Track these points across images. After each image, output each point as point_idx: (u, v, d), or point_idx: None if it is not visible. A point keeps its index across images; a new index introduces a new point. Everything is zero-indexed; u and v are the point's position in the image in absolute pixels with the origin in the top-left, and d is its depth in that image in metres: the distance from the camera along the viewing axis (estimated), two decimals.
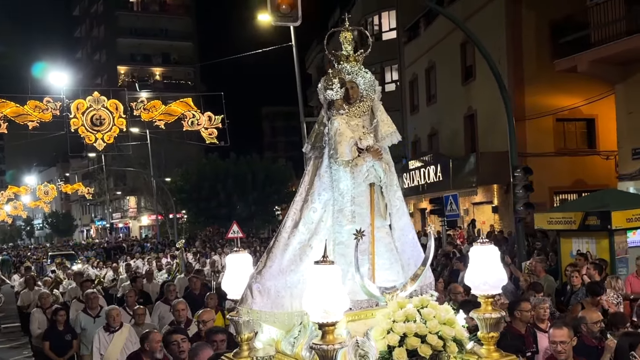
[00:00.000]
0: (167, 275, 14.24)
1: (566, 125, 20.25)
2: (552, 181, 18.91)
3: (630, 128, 15.86)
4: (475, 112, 22.90)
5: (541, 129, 19.51)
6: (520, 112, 19.67)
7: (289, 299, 3.63)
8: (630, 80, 15.68)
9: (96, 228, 68.37)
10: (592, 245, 11.00)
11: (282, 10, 10.45)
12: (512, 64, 19.81)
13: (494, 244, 3.47)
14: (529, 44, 19.44)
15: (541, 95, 19.17)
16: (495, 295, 3.42)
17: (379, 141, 3.88)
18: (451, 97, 24.78)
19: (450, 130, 25.14)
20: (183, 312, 7.63)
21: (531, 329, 6.28)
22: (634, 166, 15.40)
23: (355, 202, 3.74)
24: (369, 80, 3.95)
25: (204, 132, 18.51)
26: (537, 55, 18.70)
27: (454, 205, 17.17)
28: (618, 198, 11.88)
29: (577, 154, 19.76)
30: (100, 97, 18.05)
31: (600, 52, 15.38)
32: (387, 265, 3.78)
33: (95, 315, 8.83)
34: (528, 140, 19.55)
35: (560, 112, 19.19)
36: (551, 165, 19.23)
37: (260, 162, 39.27)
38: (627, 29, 14.62)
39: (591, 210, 11.05)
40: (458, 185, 21.64)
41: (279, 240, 3.79)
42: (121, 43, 65.20)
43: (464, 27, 13.63)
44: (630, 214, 10.74)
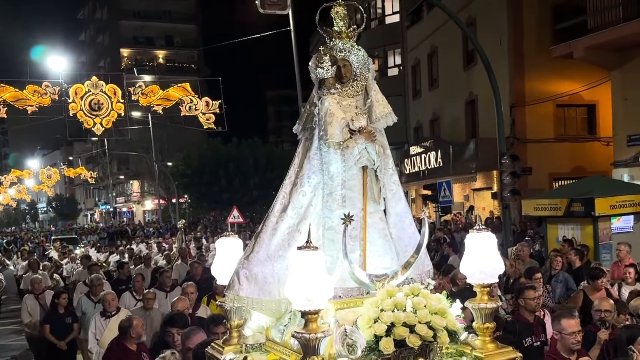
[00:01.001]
0: (167, 262, 14.13)
1: (566, 111, 20.16)
2: (552, 167, 18.88)
3: (625, 114, 15.84)
4: (476, 98, 22.79)
5: (541, 114, 19.44)
6: (520, 97, 19.60)
7: (276, 286, 3.50)
8: (626, 67, 15.63)
9: (100, 212, 68.69)
10: (577, 232, 11.18)
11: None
12: (512, 48, 19.70)
13: (490, 230, 3.36)
14: (530, 28, 19.31)
15: (542, 80, 19.07)
16: (492, 284, 3.31)
17: (373, 122, 3.71)
18: (453, 83, 24.65)
19: (452, 116, 25.04)
20: (192, 295, 7.55)
21: (539, 318, 6.08)
22: (628, 153, 15.40)
23: (346, 186, 3.60)
24: (363, 58, 3.78)
25: (201, 117, 18.51)
26: (538, 40, 18.57)
27: (448, 191, 17.18)
28: (603, 185, 12.02)
29: (577, 140, 19.71)
30: (98, 82, 18.05)
31: (596, 39, 15.34)
32: (381, 252, 3.65)
33: (97, 301, 8.74)
34: (528, 126, 19.51)
35: (561, 97, 19.07)
36: (551, 151, 19.19)
37: (262, 147, 39.23)
38: (624, 15, 14.56)
39: (576, 197, 11.25)
40: (458, 171, 21.61)
41: (267, 225, 3.68)
42: (124, 25, 64.85)
43: (458, 20, 13.71)
44: (614, 201, 10.94)
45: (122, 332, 5.91)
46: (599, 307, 5.65)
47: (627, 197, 11.18)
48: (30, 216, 74.65)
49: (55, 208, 65.71)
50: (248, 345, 3.55)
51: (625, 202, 11.07)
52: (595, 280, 7.26)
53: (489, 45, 21.20)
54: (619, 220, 11.15)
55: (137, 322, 5.89)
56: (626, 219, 11.22)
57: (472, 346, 3.23)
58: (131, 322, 5.89)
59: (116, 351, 5.84)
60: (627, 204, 11.09)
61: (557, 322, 4.95)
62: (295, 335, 2.77)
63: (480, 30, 22.08)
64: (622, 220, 11.19)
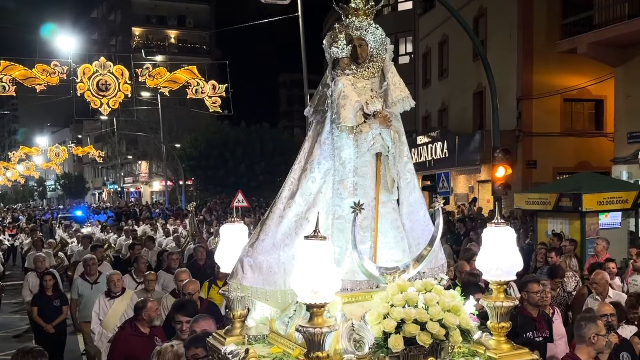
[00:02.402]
0: (176, 245, 13.92)
1: (574, 105, 20.09)
2: (557, 161, 18.86)
3: (627, 111, 15.85)
4: (484, 89, 22.67)
5: (548, 108, 19.38)
6: (528, 90, 19.52)
7: (282, 276, 3.33)
8: (630, 64, 15.59)
9: (108, 191, 69.10)
10: (565, 226, 11.45)
11: None
12: (521, 40, 19.61)
13: (484, 223, 3.30)
14: (540, 22, 19.19)
15: (550, 74, 18.98)
16: (509, 281, 3.12)
17: (388, 107, 3.51)
18: (462, 73, 24.53)
19: (460, 106, 24.96)
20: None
21: (544, 313, 5.89)
22: (628, 150, 15.43)
23: (358, 173, 3.41)
24: (380, 38, 3.56)
25: (207, 101, 18.62)
26: (547, 34, 18.45)
27: (446, 182, 17.26)
28: (591, 181, 12.27)
29: (584, 135, 19.65)
30: (106, 63, 18.19)
31: (599, 35, 15.30)
32: (392, 243, 3.48)
33: (94, 282, 8.62)
34: (534, 119, 19.48)
35: (569, 92, 18.96)
36: (556, 145, 19.16)
37: (270, 132, 39.22)
38: (630, 11, 14.52)
39: (565, 192, 11.52)
40: (463, 162, 21.59)
41: (273, 212, 3.51)
42: (137, 4, 64.55)
43: (459, 17, 13.64)
44: (602, 197, 11.22)
45: (135, 312, 5.81)
46: (604, 312, 5.36)
47: (614, 194, 11.49)
48: (38, 193, 75.14)
49: (63, 186, 66.10)
50: (251, 337, 3.45)
51: (612, 199, 11.36)
52: (596, 276, 7.06)
53: (499, 36, 21.12)
54: (606, 216, 11.46)
55: (151, 304, 5.75)
56: (614, 215, 11.58)
57: (485, 346, 3.09)
58: (145, 303, 5.75)
59: (127, 331, 5.68)
60: (614, 200, 11.38)
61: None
62: (299, 329, 2.65)
63: (490, 21, 21.94)
64: (609, 217, 11.51)
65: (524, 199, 12.96)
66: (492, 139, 13.25)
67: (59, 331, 8.61)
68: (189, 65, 19.49)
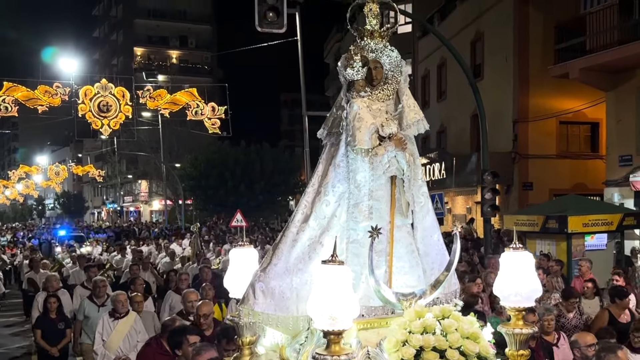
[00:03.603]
0: (181, 265, 13.85)
1: (570, 128, 20.33)
2: (553, 183, 19.02)
3: (619, 135, 16.15)
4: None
5: (544, 131, 19.62)
6: (524, 113, 19.78)
7: (294, 302, 3.30)
8: (621, 89, 15.92)
9: (107, 211, 69.06)
10: (552, 247, 11.76)
11: (269, 18, 10.71)
12: (517, 64, 19.89)
13: (476, 243, 3.31)
14: (535, 46, 19.51)
15: (546, 97, 19.25)
16: (528, 307, 3.07)
17: (403, 129, 3.49)
18: (460, 95, 24.78)
19: (458, 128, 25.19)
20: (196, 302, 7.08)
21: (543, 341, 5.78)
22: (620, 173, 15.66)
23: (373, 197, 3.38)
24: (395, 60, 3.56)
25: (207, 122, 18.88)
26: (543, 58, 18.75)
27: (439, 203, 17.41)
28: (577, 204, 12.64)
29: (579, 157, 19.87)
30: (107, 84, 18.46)
31: (591, 60, 15.67)
32: (407, 268, 3.43)
33: (101, 304, 8.39)
34: (530, 141, 19.70)
35: (564, 114, 19.20)
36: (553, 167, 19.35)
37: (270, 152, 39.42)
38: (620, 38, 14.90)
39: (551, 214, 11.87)
40: (460, 183, 21.75)
41: (286, 236, 3.45)
42: (139, 24, 64.98)
43: (449, 44, 13.94)
44: (587, 219, 11.58)
45: (162, 330, 5.79)
46: (588, 343, 5.23)
47: (599, 216, 11.87)
48: (37, 212, 75.04)
49: (62, 205, 66.07)
50: None
51: (597, 221, 11.72)
52: (622, 300, 7.20)
53: (495, 60, 21.44)
54: (592, 237, 11.83)
55: (180, 325, 5.69)
56: (600, 237, 12.01)
57: None
58: (174, 322, 5.71)
59: (153, 348, 5.62)
60: (599, 222, 11.74)
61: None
62: (316, 357, 2.55)
63: (487, 45, 22.28)
64: (595, 238, 11.90)
65: (513, 220, 13.30)
66: (482, 162, 13.57)
67: (62, 353, 8.55)
68: (190, 86, 19.81)
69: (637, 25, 14.64)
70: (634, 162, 15.37)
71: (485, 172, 13.01)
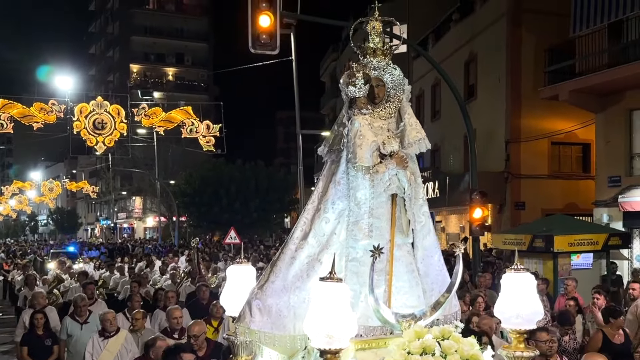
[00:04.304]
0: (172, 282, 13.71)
1: (561, 148, 20.50)
2: (545, 203, 19.13)
3: (607, 156, 16.30)
4: (474, 131, 23.08)
5: (536, 151, 19.78)
6: (516, 133, 19.96)
7: (291, 320, 3.24)
8: (609, 111, 16.09)
9: (101, 227, 68.74)
10: (539, 266, 11.91)
11: (262, 39, 10.87)
12: (509, 85, 20.10)
13: (466, 262, 3.28)
14: (527, 68, 19.73)
15: (538, 118, 19.44)
16: (529, 330, 3.03)
17: (405, 148, 3.47)
18: (453, 115, 24.95)
19: (452, 147, 25.36)
20: (181, 319, 7.19)
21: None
22: (609, 193, 15.79)
23: (374, 214, 3.34)
24: (398, 78, 3.59)
25: (201, 140, 19.01)
26: (535, 79, 18.95)
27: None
28: (563, 224, 12.86)
29: (571, 177, 20.00)
30: (103, 102, 18.61)
31: (580, 83, 15.89)
32: (407, 288, 3.39)
33: (83, 322, 8.22)
34: (522, 162, 19.85)
35: (556, 135, 19.40)
36: (544, 187, 19.49)
37: (265, 170, 39.54)
38: (609, 61, 15.12)
39: (538, 233, 12.08)
40: (453, 202, 21.85)
41: (284, 253, 3.41)
42: (135, 41, 65.33)
43: (439, 68, 14.05)
44: (573, 239, 11.81)
45: (145, 350, 5.69)
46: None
47: (585, 236, 12.10)
48: (30, 228, 74.54)
49: (55, 221, 65.71)
50: None
51: (583, 241, 11.95)
52: (616, 319, 7.09)
53: (488, 81, 21.67)
54: (578, 257, 12.08)
55: (160, 343, 5.58)
56: (586, 256, 12.27)
57: None
58: (155, 342, 5.62)
59: None
60: (585, 242, 11.97)
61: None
62: None
63: (480, 66, 22.53)
64: (581, 257, 12.14)
65: (501, 239, 13.65)
66: (470, 181, 13.78)
67: None
68: (186, 104, 19.98)
69: (626, 49, 14.88)
70: (623, 183, 15.50)
71: (474, 191, 13.19)
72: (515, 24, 20.02)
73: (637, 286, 9.17)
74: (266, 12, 10.95)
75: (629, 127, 15.70)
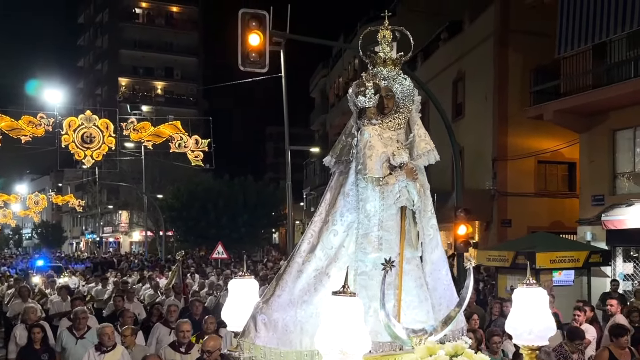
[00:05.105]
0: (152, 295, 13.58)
1: (548, 167, 20.76)
2: (531, 220, 19.31)
3: (591, 176, 16.54)
4: (462, 149, 23.30)
5: (523, 169, 20.02)
6: (503, 152, 20.19)
7: (298, 335, 3.17)
8: (593, 131, 16.36)
9: (86, 241, 68.06)
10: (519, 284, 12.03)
11: (252, 58, 11.03)
12: (497, 104, 20.34)
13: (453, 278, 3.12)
14: (514, 87, 20.02)
15: (524, 137, 19.70)
16: (543, 346, 2.98)
17: (414, 159, 3.44)
18: (442, 133, 25.09)
19: (440, 164, 25.29)
20: (188, 333, 7.12)
21: None
22: (592, 212, 15.98)
23: (383, 227, 3.28)
24: (408, 89, 3.52)
25: (190, 155, 19.03)
26: (521, 98, 19.21)
27: None
28: (546, 241, 13.31)
29: (557, 196, 20.24)
30: (92, 116, 18.55)
31: (564, 103, 16.16)
32: (416, 303, 3.33)
33: (80, 336, 8.11)
34: (509, 180, 20.06)
35: (543, 154, 19.64)
36: (531, 205, 19.70)
37: (253, 184, 39.51)
38: (594, 82, 15.40)
39: (520, 250, 12.51)
40: (441, 219, 21.56)
41: (291, 266, 3.34)
42: (124, 55, 65.24)
43: (426, 88, 14.44)
44: (554, 256, 12.27)
45: None
46: None
47: (566, 253, 12.60)
48: (14, 242, 73.64)
49: (40, 234, 64.97)
50: None
51: (564, 258, 12.44)
52: (619, 338, 7.04)
53: (476, 99, 21.93)
54: (560, 273, 12.52)
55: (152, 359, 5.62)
56: (567, 273, 12.80)
57: None
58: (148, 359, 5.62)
59: None
60: (566, 259, 12.47)
61: None
62: None
63: (468, 84, 22.81)
64: (563, 274, 12.61)
65: (485, 255, 14.03)
66: (455, 198, 14.03)
67: None
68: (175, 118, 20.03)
69: (610, 70, 15.17)
70: (606, 201, 15.71)
71: (459, 208, 13.47)
72: (503, 44, 20.34)
73: (614, 302, 9.34)
74: (256, 31, 11.12)
75: (612, 147, 15.97)
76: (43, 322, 9.24)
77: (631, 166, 15.66)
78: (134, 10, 66.50)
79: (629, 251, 15.10)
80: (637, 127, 15.30)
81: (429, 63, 26.49)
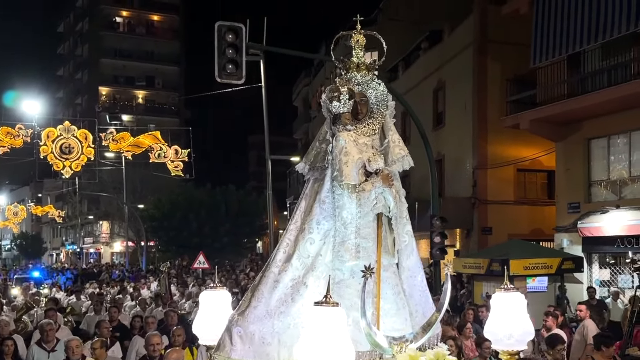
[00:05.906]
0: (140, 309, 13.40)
1: (527, 175, 21.01)
2: (511, 228, 19.50)
3: (567, 183, 16.83)
4: (443, 158, 23.50)
5: (502, 178, 20.24)
6: (483, 160, 20.39)
7: (275, 347, 3.10)
8: (569, 140, 16.64)
9: (66, 252, 67.18)
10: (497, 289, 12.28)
11: (229, 69, 11.06)
12: (476, 113, 20.56)
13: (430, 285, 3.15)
14: (493, 96, 20.25)
15: (504, 145, 19.93)
16: (521, 351, 2.96)
17: (388, 165, 3.42)
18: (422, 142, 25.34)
19: (421, 173, 25.61)
20: (158, 346, 7.02)
21: None
22: (569, 219, 16.27)
23: (361, 234, 3.23)
24: (381, 94, 3.51)
25: (170, 165, 19.01)
26: (500, 107, 19.44)
27: None
28: (519, 248, 13.55)
29: (536, 203, 20.46)
30: (70, 127, 18.48)
31: (540, 112, 16.42)
32: (394, 310, 3.28)
33: (51, 349, 7.90)
34: (489, 188, 20.25)
35: (522, 162, 19.87)
36: (511, 212, 19.90)
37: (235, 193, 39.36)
38: (569, 92, 15.69)
39: (495, 257, 12.78)
40: (422, 227, 21.93)
41: (267, 276, 3.27)
42: (105, 63, 64.52)
43: (403, 100, 14.81)
44: (528, 263, 12.54)
45: None
46: None
47: (539, 260, 12.85)
48: None
49: (19, 246, 64.02)
50: None
51: (538, 265, 12.69)
52: (608, 347, 7.01)
53: (456, 108, 22.13)
54: (534, 280, 12.77)
55: None
56: (541, 280, 13.03)
57: None
58: None
59: None
60: (539, 266, 12.71)
61: None
62: None
63: (448, 93, 23.02)
64: (537, 281, 12.86)
65: (461, 263, 14.31)
66: (432, 207, 14.24)
67: None
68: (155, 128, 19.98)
69: (585, 80, 15.44)
70: (582, 209, 15.99)
71: (434, 217, 13.84)
72: (482, 53, 20.58)
73: (583, 307, 9.53)
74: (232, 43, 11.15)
75: (587, 156, 16.25)
76: (16, 336, 9.14)
77: (606, 174, 15.94)
78: (115, 19, 66.00)
79: (604, 258, 15.37)
80: (611, 135, 15.61)
81: (410, 72, 26.70)
